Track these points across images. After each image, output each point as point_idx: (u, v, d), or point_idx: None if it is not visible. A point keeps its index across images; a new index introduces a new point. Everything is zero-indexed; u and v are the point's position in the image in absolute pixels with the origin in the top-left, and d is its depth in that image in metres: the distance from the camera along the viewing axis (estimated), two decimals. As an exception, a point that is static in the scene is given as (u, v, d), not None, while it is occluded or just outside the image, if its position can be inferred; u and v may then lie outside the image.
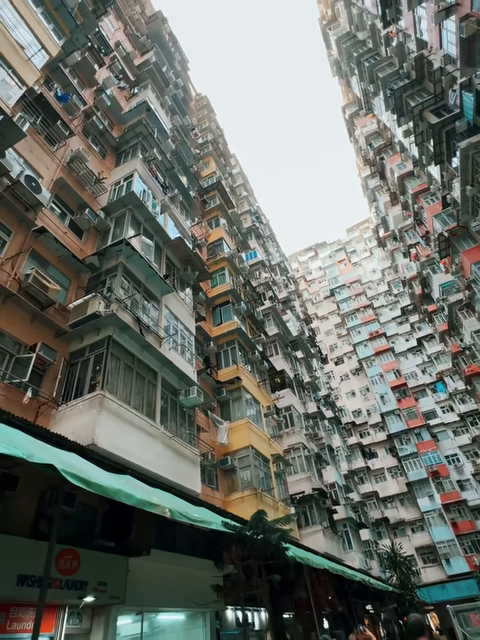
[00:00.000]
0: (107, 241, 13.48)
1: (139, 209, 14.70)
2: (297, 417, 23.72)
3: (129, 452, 9.26)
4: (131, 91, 23.32)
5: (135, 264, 12.90)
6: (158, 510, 5.30)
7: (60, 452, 5.89)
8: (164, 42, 32.57)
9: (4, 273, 9.62)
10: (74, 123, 15.36)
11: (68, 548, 6.94)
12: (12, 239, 10.34)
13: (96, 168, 15.21)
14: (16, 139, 9.72)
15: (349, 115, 43.22)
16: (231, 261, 24.04)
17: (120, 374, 10.47)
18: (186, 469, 11.74)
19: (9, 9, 10.89)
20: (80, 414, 9.07)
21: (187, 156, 25.73)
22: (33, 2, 12.43)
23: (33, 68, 11.08)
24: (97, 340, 10.54)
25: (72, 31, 14.29)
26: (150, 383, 11.71)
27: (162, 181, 18.37)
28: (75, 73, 17.13)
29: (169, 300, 14.57)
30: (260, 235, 37.71)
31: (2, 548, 6.11)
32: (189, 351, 14.85)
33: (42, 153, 12.77)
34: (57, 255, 11.53)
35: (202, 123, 39.58)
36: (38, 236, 10.96)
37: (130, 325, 11.08)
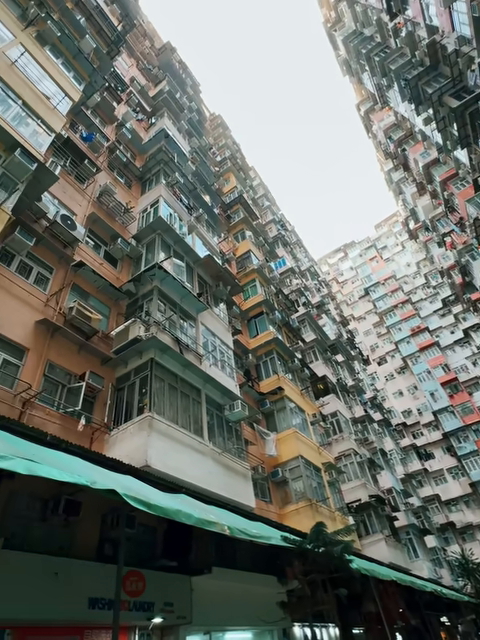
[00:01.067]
0: (140, 267, 13.97)
1: (167, 232, 15.16)
2: (344, 422, 23.13)
3: (181, 471, 9.39)
4: (149, 121, 24.31)
5: (169, 286, 13.26)
6: (217, 528, 5.33)
7: (117, 476, 6.09)
8: (175, 70, 33.81)
9: (50, 309, 10.19)
10: (100, 160, 16.20)
11: (133, 570, 7.10)
12: (54, 276, 10.97)
13: (124, 199, 15.90)
14: (50, 183, 10.38)
15: (364, 111, 42.69)
16: (261, 272, 24.13)
17: (165, 394, 10.71)
18: (238, 484, 11.72)
19: (34, 65, 11.78)
20: (132, 437, 9.34)
21: (207, 175, 26.32)
22: (54, 55, 13.39)
23: (59, 115, 11.85)
24: (141, 363, 10.86)
25: (90, 75, 15.18)
26: (195, 401, 11.88)
27: (186, 202, 18.88)
28: (96, 113, 18.13)
29: (205, 317, 14.81)
30: (287, 242, 37.67)
31: (72, 572, 6.34)
32: (229, 365, 14.96)
33: (74, 192, 13.53)
34: (96, 286, 12.08)
35: (218, 141, 40.45)
36: (77, 270, 11.55)
37: (170, 346, 11.35)
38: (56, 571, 6.11)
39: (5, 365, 8.53)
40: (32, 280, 10.29)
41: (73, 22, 16.03)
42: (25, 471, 3.50)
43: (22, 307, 9.50)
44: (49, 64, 12.68)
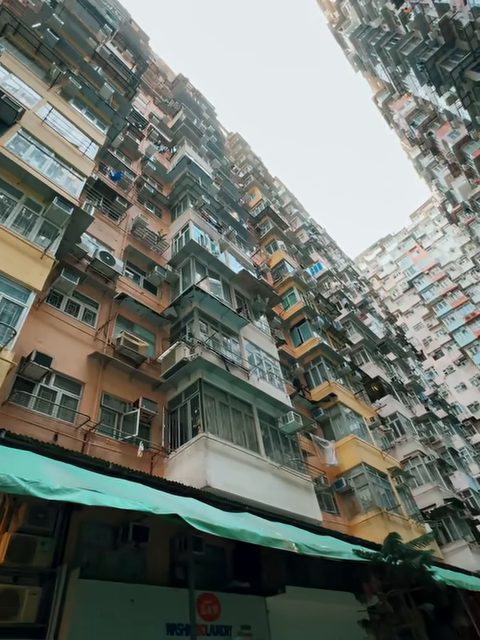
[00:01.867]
0: (179, 291, 14.33)
1: (200, 254, 15.50)
2: (406, 423, 21.98)
3: (242, 489, 9.31)
4: (170, 151, 25.28)
5: (208, 305, 13.47)
6: (284, 546, 5.19)
7: (180, 499, 6.14)
8: (189, 99, 35.08)
9: (99, 342, 10.68)
10: (129, 195, 17.00)
11: (206, 593, 7.06)
12: (100, 310, 11.52)
13: (156, 228, 16.52)
14: (87, 224, 11.02)
15: (382, 103, 41.78)
16: (297, 279, 23.91)
17: (217, 413, 10.76)
18: (301, 498, 11.42)
19: (61, 119, 12.70)
20: (189, 458, 9.43)
21: (233, 192, 26.77)
22: (78, 106, 14.38)
23: (88, 160, 12.63)
24: (190, 385, 11.03)
25: (112, 118, 16.11)
26: (247, 416, 11.83)
27: (215, 222, 19.26)
28: (121, 152, 19.14)
29: (247, 332, 14.84)
30: (320, 246, 37.19)
31: (147, 598, 6.41)
32: (277, 377, 14.81)
33: (109, 229, 14.27)
34: (139, 315, 12.53)
35: (239, 158, 41.15)
36: (120, 302, 12.06)
37: (216, 364, 11.45)
38: (132, 598, 6.21)
39: (65, 400, 8.99)
40: (80, 317, 10.86)
41: (91, 73, 17.19)
42: (91, 502, 3.62)
43: (74, 344, 10.03)
44: (74, 116, 13.62)
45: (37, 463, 4.70)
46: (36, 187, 9.82)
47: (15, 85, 11.86)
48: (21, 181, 9.63)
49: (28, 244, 8.77)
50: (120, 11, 35.83)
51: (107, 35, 24.21)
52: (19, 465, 4.25)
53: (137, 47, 29.94)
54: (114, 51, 23.44)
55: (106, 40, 23.75)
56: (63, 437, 8.18)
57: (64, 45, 16.37)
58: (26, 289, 8.10)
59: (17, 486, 3.20)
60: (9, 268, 7.99)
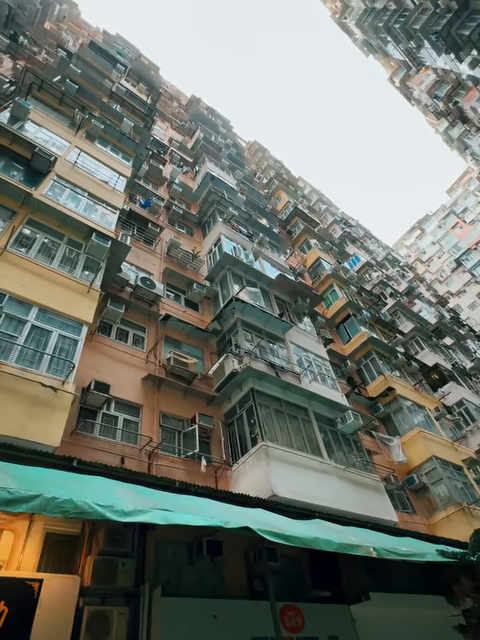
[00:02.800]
0: (219, 304, 14.53)
1: (235, 265, 15.66)
2: (475, 410, 20.58)
3: (309, 495, 9.14)
4: (193, 170, 25.93)
5: (250, 314, 13.52)
6: (362, 551, 5.01)
7: (248, 510, 6.13)
8: (205, 117, 35.91)
9: (151, 364, 11.04)
10: (160, 219, 17.60)
11: (288, 604, 6.94)
12: (148, 333, 11.94)
13: (189, 247, 16.93)
14: (125, 254, 11.52)
15: (399, 81, 40.37)
16: (336, 275, 23.43)
17: (274, 420, 10.69)
18: (372, 499, 10.99)
19: (89, 160, 13.47)
20: (252, 469, 9.42)
21: (259, 199, 26.90)
22: (102, 145, 15.20)
23: (118, 194, 13.26)
24: (243, 395, 11.07)
25: (135, 150, 16.85)
26: (304, 421, 11.65)
27: (246, 231, 19.41)
28: (148, 180, 19.91)
29: (292, 335, 14.69)
30: (355, 238, 36.25)
31: (229, 613, 6.42)
32: (329, 377, 14.48)
33: (146, 254, 14.83)
34: (185, 333, 12.83)
35: (261, 165, 41.36)
36: (165, 323, 12.43)
37: (266, 372, 11.43)
38: (214, 613, 6.24)
39: (126, 424, 9.35)
40: (130, 342, 11.31)
41: (111, 112, 18.15)
42: (164, 521, 3.72)
43: (128, 369, 10.44)
44: (101, 154, 14.41)
45: (109, 487, 4.90)
46: (75, 227, 10.45)
47: (45, 137, 12.78)
48: (61, 223, 10.29)
49: (75, 281, 9.32)
50: (129, 48, 37.65)
51: (120, 73, 25.50)
52: (93, 491, 4.46)
53: (149, 79, 31.22)
54: (129, 87, 24.60)
55: (120, 78, 25.01)
56: (129, 459, 8.49)
57: (83, 91, 17.44)
58: (78, 323, 8.58)
59: (94, 511, 3.36)
60: (60, 305, 8.52)
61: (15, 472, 4.04)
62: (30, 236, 9.57)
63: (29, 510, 3.04)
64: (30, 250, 9.21)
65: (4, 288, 7.72)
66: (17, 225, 9.31)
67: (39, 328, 7.88)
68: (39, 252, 9.37)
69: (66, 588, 5.56)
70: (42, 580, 5.41)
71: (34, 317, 7.92)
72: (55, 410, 6.78)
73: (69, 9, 36.59)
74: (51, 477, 4.57)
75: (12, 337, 7.33)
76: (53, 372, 7.34)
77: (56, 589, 5.45)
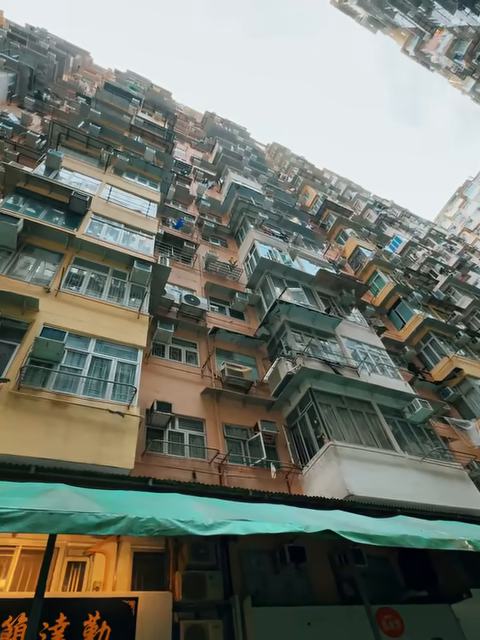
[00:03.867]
0: (264, 309, 14.53)
1: (274, 268, 15.62)
2: None
3: (386, 491, 8.77)
4: (218, 183, 26.38)
5: (296, 315, 13.39)
6: (456, 545, 4.70)
7: (326, 513, 6.00)
8: (221, 130, 36.50)
9: (207, 378, 11.24)
10: (194, 236, 18.04)
11: (383, 607, 6.67)
12: (199, 348, 12.19)
13: (226, 258, 17.16)
14: (166, 275, 11.88)
15: (414, 50, 38.64)
16: (378, 261, 22.63)
17: (337, 418, 10.43)
18: (457, 489, 10.32)
19: (120, 193, 14.16)
20: (323, 470, 9.22)
21: (287, 199, 26.75)
22: (130, 177, 15.92)
23: (151, 220, 13.78)
24: (302, 397, 10.93)
25: (160, 175, 17.46)
26: (369, 415, 11.25)
27: (279, 233, 19.35)
28: (176, 201, 20.53)
29: (342, 329, 14.33)
30: (392, 220, 34.85)
31: (323, 620, 6.27)
32: (389, 367, 13.91)
33: (186, 273, 15.23)
34: (234, 343, 12.95)
35: (283, 165, 41.19)
36: (214, 336, 12.63)
37: (321, 370, 11.21)
38: (308, 621, 6.13)
39: (192, 439, 9.56)
40: (184, 360, 11.61)
41: (133, 144, 19.00)
42: (244, 532, 3.73)
43: (186, 385, 10.71)
44: (130, 186, 15.09)
45: (186, 503, 5.02)
46: (117, 258, 10.98)
47: (79, 180, 13.62)
48: (105, 257, 10.86)
49: (124, 309, 9.76)
50: (141, 81, 39.34)
51: (136, 106, 26.67)
52: (172, 508, 4.59)
53: (163, 105, 32.36)
54: (146, 117, 25.67)
55: (137, 111, 26.16)
56: (200, 473, 8.64)
57: (106, 130, 18.42)
58: (133, 348, 8.96)
59: (177, 528, 3.44)
60: (115, 334, 8.95)
61: (98, 497, 4.26)
62: (78, 274, 10.19)
63: (117, 532, 3.19)
64: (80, 287, 9.80)
65: (63, 326, 8.26)
66: (66, 266, 9.95)
67: (99, 358, 8.32)
68: (89, 287, 9.94)
69: (160, 604, 5.73)
70: (137, 598, 5.63)
71: (93, 349, 8.38)
72: (125, 434, 7.09)
73: (82, 58, 39.02)
74: (131, 498, 4.77)
75: (77, 370, 7.80)
76: (117, 398, 7.70)
77: (151, 606, 5.64)
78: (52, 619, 5.08)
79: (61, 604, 5.30)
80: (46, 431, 6.49)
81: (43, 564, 3.44)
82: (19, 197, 11.27)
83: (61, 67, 30.95)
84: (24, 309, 8.10)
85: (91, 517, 3.09)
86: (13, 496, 3.69)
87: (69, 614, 5.19)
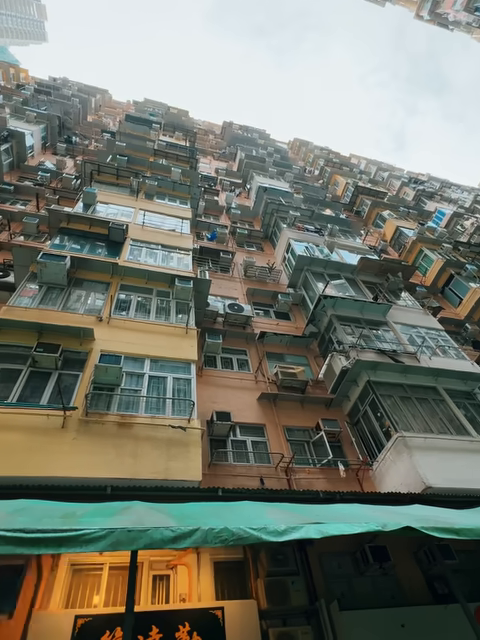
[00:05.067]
0: (309, 307, 14.32)
1: (312, 264, 15.38)
2: None
3: (467, 479, 8.20)
4: (245, 189, 26.54)
5: (342, 308, 13.06)
6: None
7: (404, 509, 5.73)
8: (241, 137, 36.79)
9: (261, 383, 11.24)
10: (229, 245, 18.25)
11: (482, 605, 6.21)
12: (249, 355, 12.24)
13: (263, 262, 17.17)
14: (207, 287, 12.10)
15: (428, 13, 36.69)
16: (423, 239, 21.51)
17: (402, 408, 9.97)
18: None
19: (154, 216, 14.69)
20: (394, 464, 8.83)
21: (316, 193, 26.32)
22: (160, 199, 16.47)
23: (186, 237, 14.13)
24: (360, 391, 10.59)
25: (189, 192, 17.91)
26: (436, 401, 10.64)
27: (313, 228, 19.04)
28: (208, 214, 20.92)
29: (394, 315, 13.74)
30: (432, 193, 33.04)
31: (417, 621, 5.96)
32: (451, 348, 13.10)
33: (226, 282, 15.42)
34: (284, 344, 12.86)
35: (307, 158, 40.64)
36: (262, 340, 12.63)
37: (377, 360, 10.82)
38: (402, 623, 5.86)
39: (255, 445, 9.57)
40: (236, 368, 11.70)
41: (159, 167, 19.68)
42: (318, 535, 3.65)
43: (241, 393, 10.77)
44: (161, 207, 15.62)
45: (257, 509, 5.02)
46: (159, 278, 11.37)
47: (114, 210, 14.33)
48: (147, 279, 11.29)
49: (173, 326, 10.06)
50: (158, 106, 40.76)
51: (157, 131, 27.67)
52: (244, 516, 4.61)
53: (182, 125, 33.28)
54: (167, 139, 26.53)
55: (158, 135, 27.14)
56: (268, 479, 8.62)
57: (132, 159, 19.26)
58: (186, 363, 9.18)
59: (250, 536, 3.45)
60: (166, 352, 9.23)
61: (171, 510, 4.38)
62: (126, 299, 10.67)
63: (193, 544, 3.26)
64: (129, 311, 10.25)
65: (119, 351, 8.67)
66: (113, 293, 10.47)
67: (155, 377, 8.62)
68: (137, 310, 10.37)
69: (246, 613, 5.75)
70: (223, 607, 5.70)
71: (148, 368, 8.70)
72: (189, 447, 7.26)
73: (102, 97, 41.26)
74: (203, 509, 4.85)
75: (136, 391, 8.14)
76: (178, 413, 7.91)
77: (238, 615, 5.67)
78: (146, 632, 5.27)
79: (152, 617, 5.49)
80: (116, 452, 6.81)
81: (129, 579, 3.60)
82: (64, 236, 12.06)
83: (85, 109, 32.92)
84: (81, 339, 8.61)
85: (167, 532, 3.18)
86: (94, 517, 3.89)
87: (161, 626, 5.36)
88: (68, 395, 7.49)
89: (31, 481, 5.83)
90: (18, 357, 7.93)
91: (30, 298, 9.67)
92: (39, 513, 3.96)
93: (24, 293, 9.76)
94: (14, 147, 19.89)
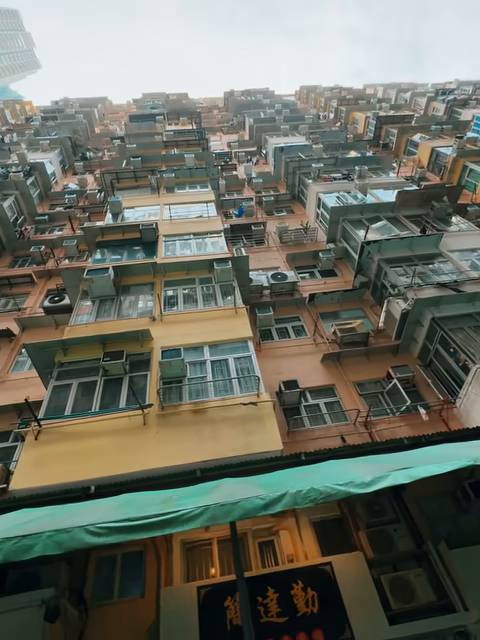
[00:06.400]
0: (353, 258, 13.75)
1: (347, 212, 14.66)
2: None
3: None
4: (262, 154, 25.70)
5: (389, 249, 12.38)
6: None
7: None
8: (245, 103, 35.55)
9: (321, 345, 11.11)
10: (259, 216, 17.92)
11: None
12: (304, 320, 12.10)
13: (296, 224, 16.68)
14: (247, 263, 12.00)
15: None
16: (463, 153, 19.54)
17: (476, 339, 9.35)
18: None
19: (179, 207, 14.76)
20: (478, 397, 8.38)
21: (336, 137, 24.84)
22: (181, 189, 16.49)
23: (214, 219, 14.05)
24: (427, 330, 10.08)
25: (207, 174, 17.71)
26: (514, 323, 9.83)
27: (340, 175, 18.06)
28: (230, 191, 20.62)
29: (447, 244, 12.77)
30: (465, 100, 29.73)
31: None
32: (519, 263, 11.95)
33: (263, 254, 15.24)
34: (336, 302, 12.54)
35: (319, 103, 38.32)
36: (313, 302, 12.41)
37: (438, 294, 10.19)
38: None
39: (329, 406, 9.57)
40: (293, 336, 11.65)
41: (172, 158, 19.65)
42: (408, 479, 3.61)
43: (303, 358, 10.74)
44: (184, 197, 15.67)
45: (342, 466, 5.06)
46: (198, 267, 11.52)
47: (141, 213, 14.64)
48: (188, 271, 11.49)
49: (221, 309, 10.20)
50: (156, 97, 40.38)
51: (162, 122, 27.50)
52: (329, 474, 4.67)
53: (184, 109, 32.78)
54: (173, 128, 26.30)
55: (164, 126, 26.98)
56: (349, 436, 8.62)
57: (145, 158, 19.40)
58: (242, 341, 9.30)
59: (338, 491, 3.50)
60: (221, 335, 9.41)
61: (259, 481, 4.56)
62: (173, 294, 10.97)
63: (284, 507, 3.38)
64: (177, 305, 10.54)
65: (177, 344, 8.98)
66: (160, 292, 10.81)
67: (216, 361, 8.85)
68: (185, 302, 10.63)
69: (355, 564, 5.90)
70: (331, 562, 5.89)
71: (208, 354, 8.95)
72: (264, 420, 7.43)
73: (103, 105, 41.68)
74: (289, 475, 4.99)
75: (202, 378, 8.43)
76: (245, 391, 8.10)
77: (346, 567, 5.84)
78: (262, 593, 5.62)
79: (265, 580, 5.82)
80: (197, 437, 7.17)
81: (233, 548, 3.83)
82: (102, 249, 12.59)
83: (90, 122, 33.54)
84: (141, 341, 9.05)
85: (257, 500, 3.32)
86: (189, 498, 4.17)
87: (275, 587, 5.67)
88: (142, 394, 7.96)
89: (128, 477, 6.35)
90: (91, 370, 8.54)
91: (87, 314, 10.29)
92: (141, 503, 4.31)
93: (81, 311, 10.41)
94: (38, 179, 20.89)
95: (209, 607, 5.66)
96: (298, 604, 5.53)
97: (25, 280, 14.43)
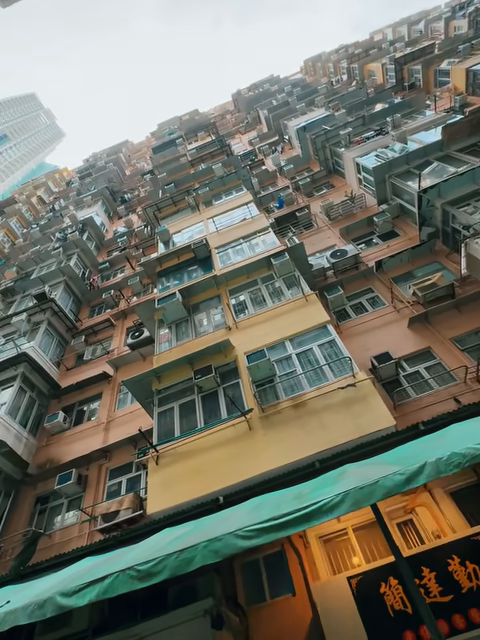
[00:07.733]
0: (412, 212, 12.85)
1: (391, 167, 13.82)
2: None
3: None
4: (285, 140, 25.27)
5: (449, 190, 11.40)
6: None
7: None
8: (254, 97, 35.43)
9: (404, 310, 10.46)
10: (300, 202, 17.60)
11: None
12: (377, 289, 11.52)
13: (340, 197, 16.08)
14: (303, 251, 11.72)
15: None
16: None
17: None
18: None
19: (222, 217, 15.03)
20: None
21: (356, 96, 23.69)
22: (218, 200, 16.77)
23: (258, 218, 14.05)
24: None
25: (238, 177, 17.82)
26: None
27: (372, 133, 17.08)
28: (265, 187, 20.52)
29: (517, 164, 11.39)
30: (489, 5, 26.61)
31: None
32: None
33: (316, 237, 14.93)
34: (406, 262, 11.80)
35: (327, 70, 36.85)
36: (382, 269, 11.81)
37: (524, 221, 9.10)
38: None
39: (431, 369, 8.96)
40: (370, 309, 11.15)
41: (201, 173, 20.13)
42: None
43: (388, 328, 10.21)
44: (223, 206, 15.91)
45: (470, 427, 4.68)
46: (257, 267, 11.57)
47: (189, 234, 15.14)
48: (247, 274, 11.59)
49: (291, 302, 10.10)
50: (172, 122, 41.78)
51: (182, 144, 28.35)
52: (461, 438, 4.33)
53: (199, 125, 33.50)
54: (194, 145, 26.97)
55: (185, 147, 27.78)
56: (462, 396, 7.97)
57: (177, 182, 20.11)
58: (321, 327, 9.11)
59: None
60: (298, 327, 9.30)
61: (385, 459, 4.39)
62: (239, 301, 11.13)
63: (428, 478, 3.19)
64: (247, 309, 10.66)
65: (259, 346, 9.07)
66: (227, 301, 11.03)
67: (301, 352, 8.76)
68: (253, 305, 10.72)
69: (512, 529, 5.41)
70: (484, 531, 5.45)
71: (292, 348, 8.89)
72: (367, 399, 7.16)
73: (126, 148, 44.14)
74: (414, 448, 4.73)
75: (292, 372, 8.39)
76: (339, 374, 7.89)
77: (503, 533, 5.37)
78: (418, 574, 5.37)
79: (416, 560, 5.55)
80: (304, 431, 7.11)
81: (383, 530, 3.70)
82: (164, 278, 13.20)
83: (120, 167, 35.67)
84: (224, 352, 9.27)
85: (397, 476, 3.19)
86: (320, 489, 4.12)
87: (430, 566, 5.39)
88: (240, 402, 8.13)
89: (250, 482, 6.49)
90: (187, 390, 8.94)
91: (168, 341, 10.82)
92: (274, 502, 4.37)
93: (161, 339, 10.98)
94: (91, 232, 22.62)
95: (365, 596, 5.54)
96: (460, 580, 5.20)
97: (105, 325, 15.61)
